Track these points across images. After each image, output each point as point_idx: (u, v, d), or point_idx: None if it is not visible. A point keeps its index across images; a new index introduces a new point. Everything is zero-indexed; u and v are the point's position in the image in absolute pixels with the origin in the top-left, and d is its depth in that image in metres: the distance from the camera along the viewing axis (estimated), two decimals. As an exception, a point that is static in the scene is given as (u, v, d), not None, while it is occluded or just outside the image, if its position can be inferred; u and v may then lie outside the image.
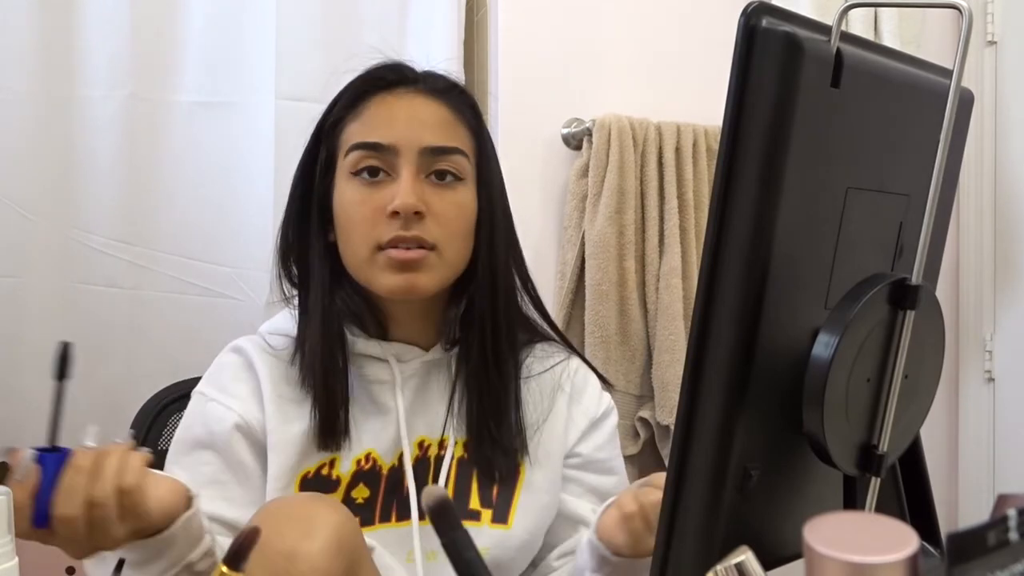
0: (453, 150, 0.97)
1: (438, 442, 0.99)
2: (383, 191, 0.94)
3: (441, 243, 0.95)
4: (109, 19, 1.48)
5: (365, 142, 0.96)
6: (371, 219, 0.94)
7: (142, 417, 1.13)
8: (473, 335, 0.99)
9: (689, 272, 1.73)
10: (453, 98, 1.01)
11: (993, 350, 2.15)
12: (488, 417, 0.98)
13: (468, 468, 0.98)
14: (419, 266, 0.94)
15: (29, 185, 1.45)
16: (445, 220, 0.95)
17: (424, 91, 1.00)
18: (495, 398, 0.99)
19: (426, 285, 0.95)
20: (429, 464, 0.98)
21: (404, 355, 1.00)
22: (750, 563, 0.48)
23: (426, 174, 0.96)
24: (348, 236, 0.96)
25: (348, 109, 1.00)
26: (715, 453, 0.54)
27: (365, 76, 1.01)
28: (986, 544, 0.36)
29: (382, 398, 0.98)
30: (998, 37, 2.12)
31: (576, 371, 1.08)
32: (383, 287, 0.94)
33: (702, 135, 1.76)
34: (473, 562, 0.52)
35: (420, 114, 0.98)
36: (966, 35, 0.54)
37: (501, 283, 1.00)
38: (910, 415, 0.62)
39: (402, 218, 0.93)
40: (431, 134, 0.96)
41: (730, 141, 0.52)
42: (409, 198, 0.92)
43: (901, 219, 0.63)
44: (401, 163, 0.95)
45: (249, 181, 1.55)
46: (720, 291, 0.53)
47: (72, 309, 1.48)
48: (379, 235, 0.93)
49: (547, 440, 1.01)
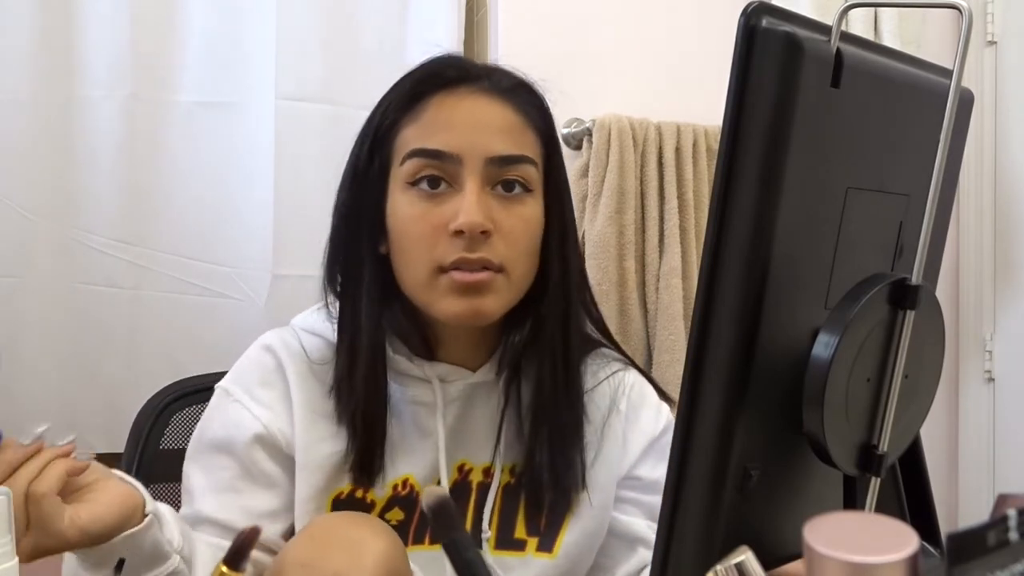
0: (521, 159, 0.88)
1: (483, 468, 0.92)
2: (444, 205, 0.85)
3: (508, 263, 0.86)
4: (109, 19, 1.49)
5: (424, 148, 0.86)
6: (431, 237, 0.85)
7: (142, 417, 1.13)
8: (539, 362, 0.91)
9: (689, 272, 1.73)
10: (521, 98, 0.91)
11: (993, 350, 2.15)
12: (548, 449, 0.90)
13: (515, 495, 0.92)
14: (485, 289, 0.85)
15: (29, 185, 1.46)
16: (513, 238, 0.86)
17: (489, 90, 0.89)
18: (559, 431, 0.91)
19: (492, 310, 0.86)
20: (470, 489, 0.92)
21: (448, 376, 0.92)
22: (750, 563, 0.48)
23: (492, 186, 0.86)
24: (405, 254, 0.87)
25: (403, 111, 0.89)
26: (715, 453, 0.54)
27: (421, 73, 0.90)
28: (986, 544, 0.36)
29: (423, 421, 0.91)
30: (998, 37, 2.12)
31: (632, 386, 0.99)
32: (445, 313, 0.86)
33: (702, 135, 1.76)
34: (473, 562, 0.52)
35: (485, 117, 0.88)
36: (966, 35, 0.54)
37: (574, 307, 0.92)
38: (910, 415, 0.62)
39: (467, 238, 0.83)
40: (498, 141, 0.87)
41: (730, 141, 0.52)
42: (475, 216, 0.83)
43: (901, 219, 0.62)
44: (465, 174, 0.85)
45: (249, 181, 1.55)
46: (720, 291, 0.53)
47: (72, 309, 1.48)
48: (441, 256, 0.84)
49: (601, 467, 0.94)
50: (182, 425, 1.13)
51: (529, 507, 0.92)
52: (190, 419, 1.13)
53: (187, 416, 1.14)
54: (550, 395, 0.91)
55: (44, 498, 0.67)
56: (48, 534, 0.68)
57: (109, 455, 1.44)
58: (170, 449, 1.12)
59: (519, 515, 0.92)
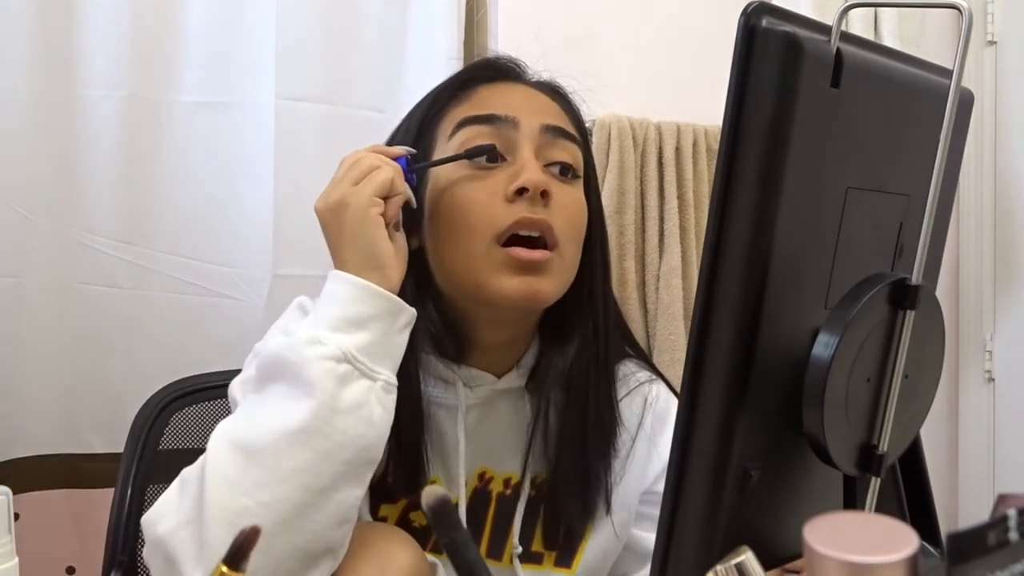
0: (573, 137, 0.86)
1: (504, 478, 0.89)
2: (500, 174, 0.81)
3: (562, 243, 0.82)
4: (109, 19, 1.48)
5: (477, 115, 0.83)
6: (488, 204, 0.80)
7: (142, 417, 1.13)
8: (572, 370, 0.87)
9: (689, 272, 1.73)
10: (564, 100, 0.91)
11: (993, 350, 2.15)
12: (576, 461, 0.87)
13: (535, 507, 0.89)
14: (543, 269, 0.80)
15: (29, 185, 1.45)
16: (568, 214, 0.83)
17: (538, 84, 0.91)
18: (588, 443, 0.87)
19: (548, 292, 0.82)
20: (489, 498, 0.89)
21: (474, 380, 0.88)
22: (750, 563, 0.48)
23: (545, 164, 0.83)
24: (455, 230, 0.82)
25: (451, 98, 0.87)
26: (715, 453, 0.54)
27: (469, 68, 0.92)
28: (986, 544, 0.36)
29: (442, 424, 0.87)
30: (998, 37, 2.12)
31: (657, 399, 0.95)
32: (500, 292, 0.80)
33: (702, 135, 1.76)
34: (473, 562, 0.52)
35: (536, 99, 0.88)
36: (966, 35, 0.54)
37: (611, 312, 0.90)
38: (910, 415, 0.62)
39: (528, 198, 0.79)
40: (551, 116, 0.86)
41: (730, 141, 0.52)
42: (538, 173, 0.80)
43: (901, 219, 0.62)
44: (521, 139, 0.83)
45: (249, 181, 1.55)
46: (720, 291, 0.53)
47: (72, 309, 1.48)
48: (500, 220, 0.80)
49: (625, 482, 0.91)
50: (182, 425, 1.13)
51: (549, 520, 0.89)
52: (190, 419, 1.13)
53: (187, 416, 1.14)
54: (581, 406, 0.87)
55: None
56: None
57: (109, 455, 1.45)
58: (170, 449, 1.12)
59: (538, 527, 0.89)
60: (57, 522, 1.49)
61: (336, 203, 0.77)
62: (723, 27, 0.77)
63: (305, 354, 0.71)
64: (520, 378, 0.90)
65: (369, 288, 0.75)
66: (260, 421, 0.71)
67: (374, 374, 0.73)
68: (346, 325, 0.73)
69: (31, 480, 1.46)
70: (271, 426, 0.70)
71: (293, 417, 0.70)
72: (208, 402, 1.15)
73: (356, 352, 0.72)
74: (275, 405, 0.72)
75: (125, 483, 1.08)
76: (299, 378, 0.71)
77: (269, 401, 0.73)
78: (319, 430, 0.69)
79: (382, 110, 1.61)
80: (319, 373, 0.70)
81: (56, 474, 1.48)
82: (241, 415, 0.75)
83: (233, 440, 0.71)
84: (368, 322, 0.74)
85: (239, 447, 0.70)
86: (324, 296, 0.76)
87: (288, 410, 0.70)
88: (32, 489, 1.46)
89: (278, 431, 0.70)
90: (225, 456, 0.70)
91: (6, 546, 0.57)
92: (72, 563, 1.50)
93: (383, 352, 0.74)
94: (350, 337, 0.73)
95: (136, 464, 1.09)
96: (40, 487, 1.47)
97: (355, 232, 0.76)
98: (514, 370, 0.90)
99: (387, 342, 0.75)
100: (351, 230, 0.76)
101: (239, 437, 0.71)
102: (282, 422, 0.70)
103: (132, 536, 1.07)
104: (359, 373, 0.72)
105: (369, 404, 0.72)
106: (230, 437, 0.71)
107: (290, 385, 0.72)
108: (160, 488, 1.09)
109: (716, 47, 1.71)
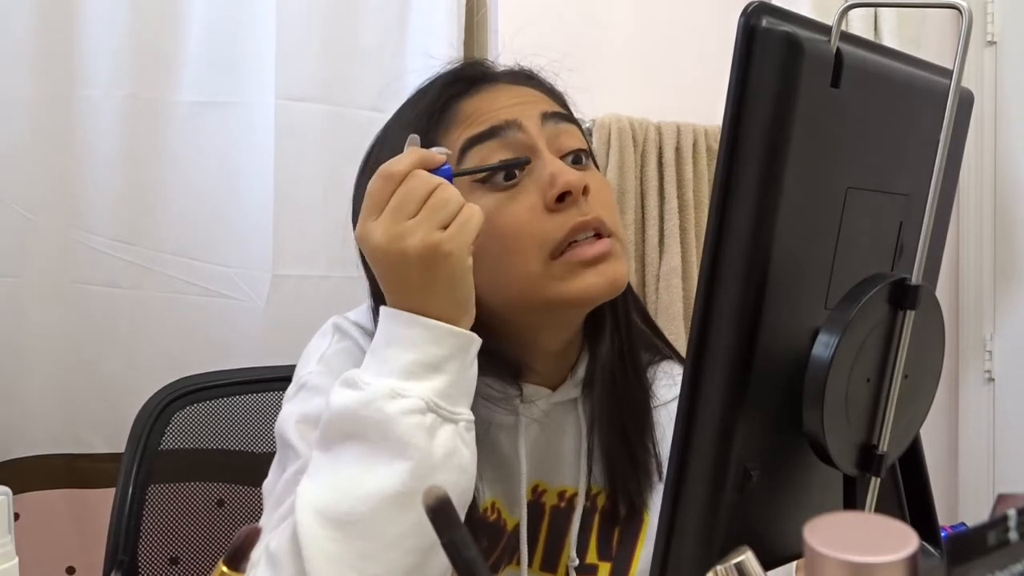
0: (568, 117, 0.82)
1: (557, 491, 0.86)
2: (528, 186, 0.77)
3: (613, 226, 0.77)
4: (109, 19, 1.49)
5: (479, 132, 0.78)
6: (530, 221, 0.75)
7: (142, 417, 1.13)
8: (613, 374, 0.85)
9: (689, 272, 1.73)
10: (538, 82, 0.86)
11: (993, 350, 2.15)
12: (628, 469, 0.85)
13: (589, 517, 0.86)
14: (610, 256, 0.76)
15: (29, 185, 1.45)
16: (605, 201, 0.78)
17: (510, 79, 0.85)
18: (636, 449, 0.85)
19: (623, 274, 0.77)
20: (542, 511, 0.85)
21: (531, 397, 0.84)
22: (750, 563, 0.48)
23: (561, 156, 0.79)
24: (501, 256, 0.76)
25: (438, 123, 0.81)
26: (715, 453, 0.54)
27: (444, 80, 0.84)
28: (986, 544, 0.36)
29: (501, 443, 0.83)
30: (998, 37, 2.12)
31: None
32: (579, 293, 0.76)
33: (702, 135, 1.76)
34: (473, 562, 0.52)
35: (522, 95, 0.82)
36: (966, 35, 0.54)
37: (631, 298, 0.86)
38: (910, 415, 0.62)
39: (571, 201, 0.75)
40: (544, 104, 0.81)
41: (730, 141, 0.52)
42: (571, 172, 0.75)
43: (901, 219, 0.62)
44: (531, 140, 0.78)
45: (249, 181, 1.55)
46: (720, 291, 0.53)
47: (72, 309, 1.48)
48: (551, 233, 0.75)
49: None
50: (182, 425, 1.13)
51: (603, 530, 0.86)
52: (190, 419, 1.14)
53: (187, 416, 1.14)
54: (627, 412, 0.85)
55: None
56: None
57: (109, 455, 1.45)
58: (170, 449, 1.12)
59: (592, 539, 0.86)
60: (57, 522, 1.49)
61: (427, 250, 0.68)
62: (723, 27, 0.77)
63: (388, 411, 0.67)
64: (575, 388, 0.86)
65: (441, 328, 0.70)
66: (350, 489, 0.67)
67: (456, 416, 0.70)
68: (421, 371, 0.69)
69: (31, 480, 1.46)
70: (367, 493, 0.66)
71: (390, 481, 0.66)
72: (208, 402, 1.15)
73: (437, 399, 0.68)
74: (363, 468, 0.67)
75: (126, 483, 1.08)
76: (386, 438, 0.67)
77: (354, 464, 0.68)
78: (420, 490, 0.64)
79: (382, 110, 1.60)
80: (408, 430, 0.67)
81: (56, 474, 1.48)
82: (323, 482, 0.69)
83: (324, 513, 0.67)
84: (443, 364, 0.69)
85: (333, 520, 0.66)
86: (389, 339, 0.71)
87: (381, 474, 0.67)
88: (32, 489, 1.46)
89: (375, 498, 0.66)
90: (319, 532, 0.66)
91: (6, 546, 0.57)
92: (72, 563, 1.50)
93: (460, 391, 0.71)
94: (428, 384, 0.69)
95: (137, 464, 1.09)
96: (40, 487, 1.47)
97: (453, 284, 0.70)
98: (568, 380, 0.87)
99: (461, 380, 0.71)
100: (449, 282, 0.70)
101: (330, 509, 0.67)
102: (378, 487, 0.66)
103: (132, 536, 1.07)
104: (442, 419, 0.69)
105: (458, 450, 0.69)
106: (319, 510, 0.67)
107: (374, 445, 0.67)
108: (160, 488, 1.09)
109: (716, 47, 1.71)
